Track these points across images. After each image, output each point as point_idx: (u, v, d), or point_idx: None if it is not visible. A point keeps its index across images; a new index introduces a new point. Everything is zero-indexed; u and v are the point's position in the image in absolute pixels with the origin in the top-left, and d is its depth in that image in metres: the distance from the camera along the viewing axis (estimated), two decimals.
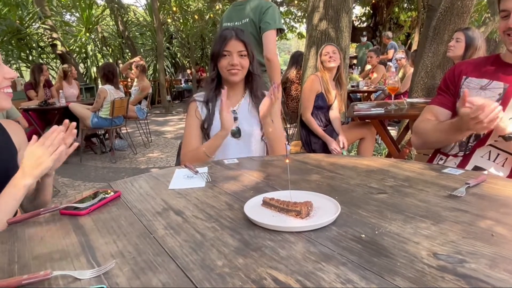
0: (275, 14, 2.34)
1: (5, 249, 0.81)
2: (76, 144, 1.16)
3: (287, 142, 3.49)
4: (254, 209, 0.92)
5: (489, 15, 6.16)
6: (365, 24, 14.01)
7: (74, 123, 1.15)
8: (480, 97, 1.22)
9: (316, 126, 3.10)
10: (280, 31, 2.38)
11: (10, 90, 1.15)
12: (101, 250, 0.77)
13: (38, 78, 5.65)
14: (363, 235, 0.77)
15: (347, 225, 0.83)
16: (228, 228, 0.85)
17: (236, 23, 2.45)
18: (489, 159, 1.41)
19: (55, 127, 1.10)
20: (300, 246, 0.74)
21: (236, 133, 1.64)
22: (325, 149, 3.09)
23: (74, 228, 0.90)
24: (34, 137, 1.09)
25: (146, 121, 6.22)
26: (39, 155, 1.06)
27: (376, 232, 0.79)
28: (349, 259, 0.68)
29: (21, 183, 1.04)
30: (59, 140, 1.08)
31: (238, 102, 1.68)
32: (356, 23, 13.86)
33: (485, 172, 1.39)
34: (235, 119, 1.64)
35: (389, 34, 9.13)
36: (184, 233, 0.83)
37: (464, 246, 0.71)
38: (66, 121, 1.15)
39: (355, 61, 10.16)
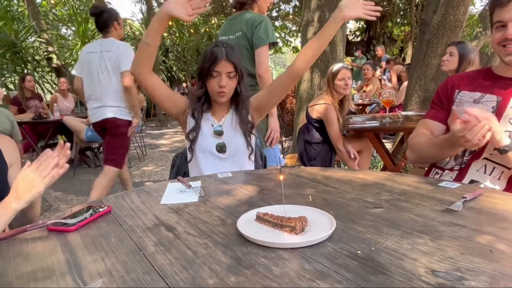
0: (268, 28, 2.34)
1: None
2: (66, 167, 1.16)
3: (281, 155, 3.47)
4: (247, 224, 0.90)
5: (481, 29, 6.26)
6: (359, 39, 14.20)
7: (68, 145, 1.15)
8: (476, 108, 1.22)
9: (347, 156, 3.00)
10: (273, 44, 2.39)
11: None
12: (88, 269, 0.74)
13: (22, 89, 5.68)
14: (359, 251, 0.75)
15: (342, 241, 0.81)
16: (220, 244, 0.82)
17: (230, 37, 2.46)
18: (485, 172, 1.40)
19: (48, 152, 1.11)
20: (294, 263, 0.72)
21: (223, 147, 1.63)
22: (323, 164, 3.07)
23: (61, 245, 0.87)
24: (28, 162, 1.10)
25: (141, 134, 6.19)
26: (31, 179, 1.06)
27: (373, 248, 0.77)
28: (345, 277, 0.66)
29: (11, 207, 1.03)
30: (52, 165, 1.09)
31: (224, 116, 1.68)
32: (350, 38, 14.03)
33: (482, 185, 1.38)
34: (221, 133, 1.64)
35: (383, 47, 9.28)
36: (175, 250, 0.81)
37: (462, 263, 0.69)
38: (61, 142, 1.16)
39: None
